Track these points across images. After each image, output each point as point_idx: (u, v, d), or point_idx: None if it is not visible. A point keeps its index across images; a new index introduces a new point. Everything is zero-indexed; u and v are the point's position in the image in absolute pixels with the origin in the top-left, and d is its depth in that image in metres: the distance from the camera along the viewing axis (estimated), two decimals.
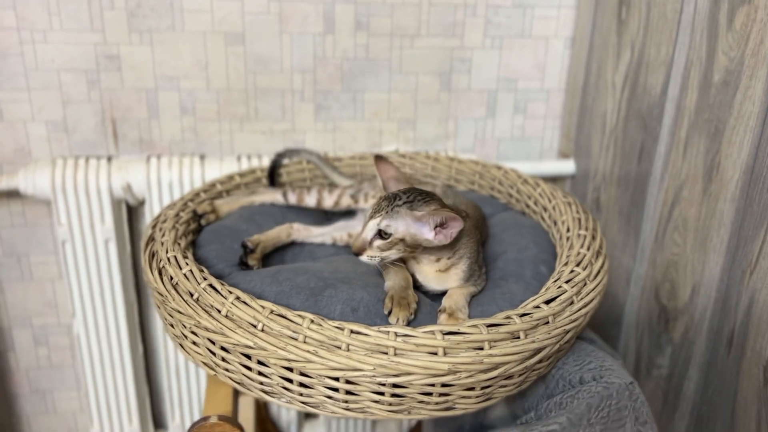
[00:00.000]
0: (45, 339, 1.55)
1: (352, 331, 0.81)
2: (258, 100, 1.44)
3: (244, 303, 0.84)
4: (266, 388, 0.86)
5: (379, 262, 0.92)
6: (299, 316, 0.82)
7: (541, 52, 1.54)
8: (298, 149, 1.36)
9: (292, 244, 1.12)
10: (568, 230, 1.07)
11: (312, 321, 0.82)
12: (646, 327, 1.29)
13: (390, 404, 0.84)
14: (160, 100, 1.41)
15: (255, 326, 0.83)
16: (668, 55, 1.18)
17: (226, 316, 0.84)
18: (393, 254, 0.91)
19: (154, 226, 1.05)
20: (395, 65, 1.47)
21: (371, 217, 0.91)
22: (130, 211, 1.45)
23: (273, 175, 1.30)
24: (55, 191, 1.34)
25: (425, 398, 0.83)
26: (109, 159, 1.41)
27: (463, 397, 0.85)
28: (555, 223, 1.12)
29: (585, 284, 0.94)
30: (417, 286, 0.96)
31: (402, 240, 0.90)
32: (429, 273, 0.96)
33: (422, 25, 1.46)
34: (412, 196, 0.92)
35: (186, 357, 0.93)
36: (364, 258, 0.91)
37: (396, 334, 0.80)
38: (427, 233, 0.91)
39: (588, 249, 1.01)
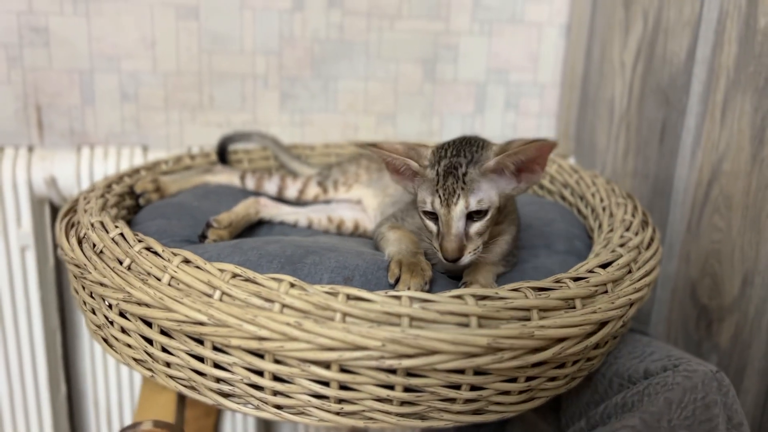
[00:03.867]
0: None
1: (348, 297, 0.57)
2: (213, 86, 1.24)
3: (196, 267, 0.60)
4: (225, 389, 0.61)
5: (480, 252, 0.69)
6: (273, 279, 0.58)
7: (534, 40, 1.38)
8: (249, 132, 1.15)
9: (259, 224, 0.88)
10: (602, 200, 0.87)
11: (292, 285, 0.58)
12: (681, 335, 1.09)
13: (401, 403, 0.59)
14: (97, 84, 1.22)
15: (210, 295, 0.58)
16: (694, 14, 1.03)
17: (170, 284, 0.60)
18: (487, 233, 0.70)
19: (77, 199, 0.81)
20: (373, 50, 1.29)
21: (448, 205, 0.67)
22: (55, 213, 1.20)
23: (222, 161, 1.08)
24: None
25: (450, 393, 0.59)
26: (30, 148, 1.17)
27: (501, 393, 0.61)
28: (582, 197, 0.92)
29: (640, 252, 0.73)
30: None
31: (499, 208, 0.69)
32: None
33: (403, 4, 1.29)
34: (465, 151, 0.70)
35: (110, 353, 0.67)
36: (467, 259, 0.67)
37: (411, 299, 0.57)
38: (511, 183, 0.70)
39: (633, 216, 0.81)
